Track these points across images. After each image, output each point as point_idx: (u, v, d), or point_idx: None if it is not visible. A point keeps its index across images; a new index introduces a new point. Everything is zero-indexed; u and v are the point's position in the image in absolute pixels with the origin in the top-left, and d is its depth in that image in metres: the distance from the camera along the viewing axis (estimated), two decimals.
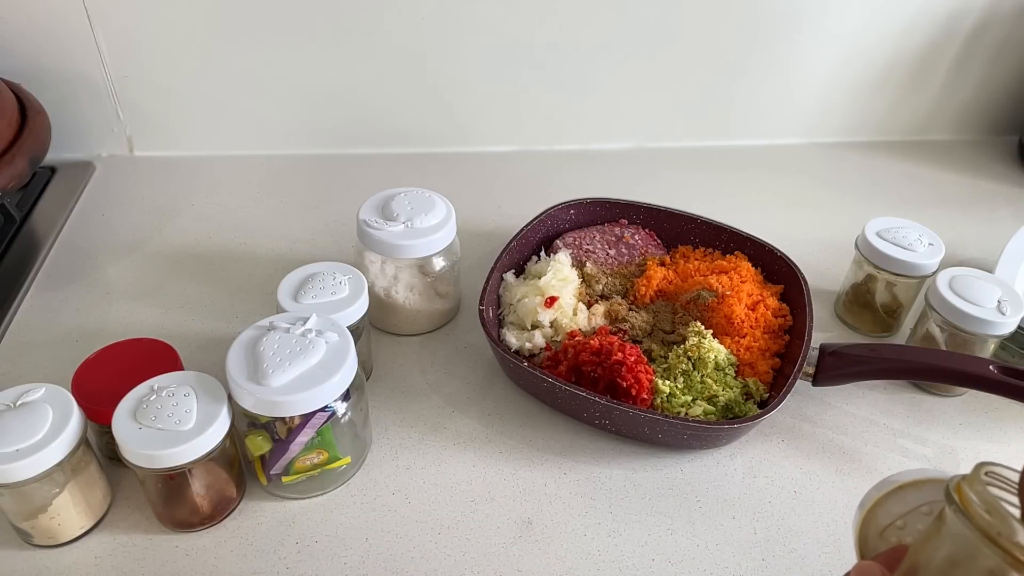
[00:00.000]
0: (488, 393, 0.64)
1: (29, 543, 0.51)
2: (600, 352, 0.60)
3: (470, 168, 0.94)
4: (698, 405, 0.59)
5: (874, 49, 0.95)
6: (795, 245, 0.73)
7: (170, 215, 0.83)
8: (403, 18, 0.85)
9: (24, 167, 0.73)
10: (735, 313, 0.65)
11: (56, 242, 0.78)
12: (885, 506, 0.36)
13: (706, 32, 0.90)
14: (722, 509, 0.56)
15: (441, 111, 0.93)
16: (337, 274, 0.60)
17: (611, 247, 0.74)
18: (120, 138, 0.91)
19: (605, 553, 0.53)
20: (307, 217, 0.83)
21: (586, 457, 0.59)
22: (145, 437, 0.47)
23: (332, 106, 0.91)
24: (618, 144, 0.99)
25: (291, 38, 0.85)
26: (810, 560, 0.53)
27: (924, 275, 0.68)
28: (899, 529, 0.35)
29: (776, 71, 0.95)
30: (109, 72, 0.85)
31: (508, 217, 0.83)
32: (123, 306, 0.71)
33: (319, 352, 0.50)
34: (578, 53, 0.90)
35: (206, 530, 0.52)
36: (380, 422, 0.61)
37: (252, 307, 0.71)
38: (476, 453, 0.59)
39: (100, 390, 0.51)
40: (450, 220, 0.65)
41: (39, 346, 0.66)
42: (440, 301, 0.69)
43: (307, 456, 0.52)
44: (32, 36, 0.81)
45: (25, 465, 0.45)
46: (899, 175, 0.98)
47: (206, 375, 0.51)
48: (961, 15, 0.93)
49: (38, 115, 0.78)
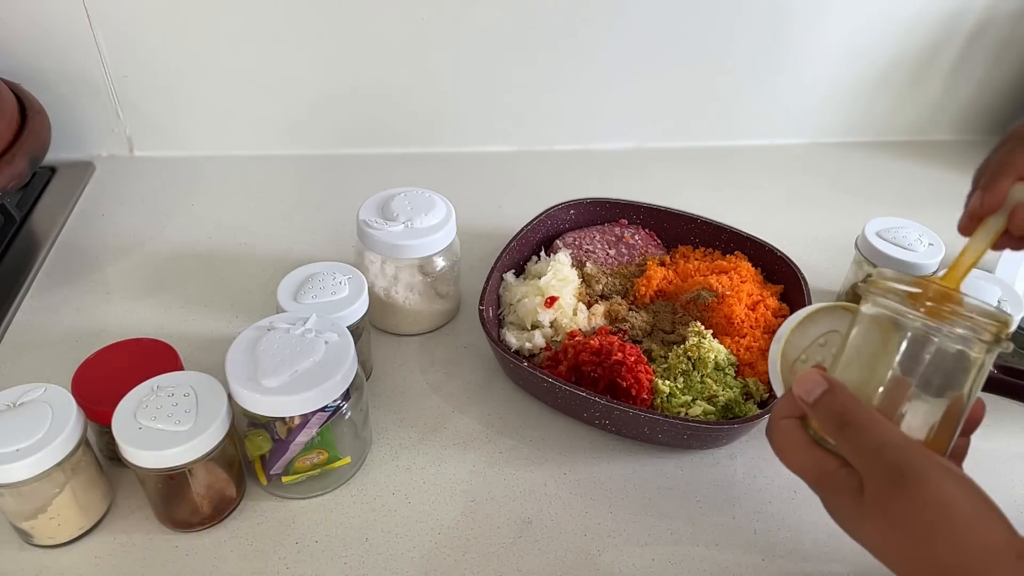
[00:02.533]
0: (488, 393, 0.64)
1: (29, 543, 0.51)
2: (600, 352, 0.60)
3: (470, 168, 0.94)
4: (698, 405, 0.59)
5: (875, 49, 0.95)
6: (795, 245, 0.73)
7: (170, 215, 0.83)
8: (403, 19, 0.85)
9: (24, 167, 0.73)
10: (735, 313, 0.65)
11: (56, 242, 0.78)
12: (791, 342, 0.43)
13: (706, 32, 0.90)
14: (722, 509, 0.56)
15: (441, 111, 0.93)
16: (337, 274, 0.60)
17: (611, 247, 0.74)
18: (120, 138, 0.91)
19: (605, 553, 0.53)
20: (307, 217, 0.83)
21: (586, 457, 0.59)
22: (145, 437, 0.47)
23: (332, 106, 0.91)
24: (618, 144, 0.99)
25: (291, 39, 0.85)
26: (811, 560, 0.53)
27: (924, 275, 0.68)
28: (803, 362, 0.42)
29: (776, 71, 0.95)
30: (109, 72, 0.85)
31: (508, 217, 0.83)
32: (123, 306, 0.71)
33: (319, 352, 0.50)
34: (578, 53, 0.90)
35: (206, 530, 0.52)
36: (380, 422, 0.61)
37: (252, 307, 0.71)
38: (476, 453, 0.59)
39: (100, 390, 0.51)
40: (450, 220, 0.65)
41: (39, 346, 0.66)
42: (440, 301, 0.69)
43: (307, 456, 0.52)
44: (32, 36, 0.81)
45: (25, 465, 0.45)
46: (899, 175, 0.98)
47: (206, 375, 0.51)
48: (961, 15, 0.93)
49: (38, 115, 0.78)
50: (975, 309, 0.35)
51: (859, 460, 0.35)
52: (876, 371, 0.37)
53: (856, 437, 0.35)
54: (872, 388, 0.37)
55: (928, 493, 0.32)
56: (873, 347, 0.37)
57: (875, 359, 0.37)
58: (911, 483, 0.32)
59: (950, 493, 0.32)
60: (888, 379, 0.36)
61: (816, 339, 0.43)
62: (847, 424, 0.35)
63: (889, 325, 0.36)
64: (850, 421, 0.35)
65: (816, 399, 0.37)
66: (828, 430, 0.36)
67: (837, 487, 0.35)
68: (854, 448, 0.35)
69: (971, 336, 0.35)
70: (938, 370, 0.36)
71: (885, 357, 0.36)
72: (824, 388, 0.37)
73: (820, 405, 0.37)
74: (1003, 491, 0.59)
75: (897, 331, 0.36)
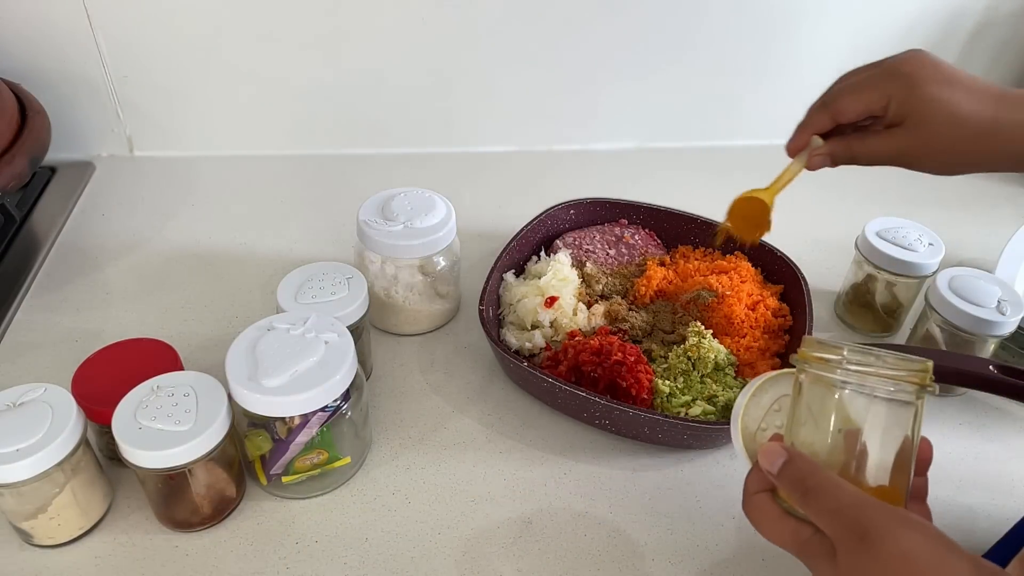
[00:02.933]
0: (488, 393, 0.64)
1: (29, 543, 0.51)
2: (600, 352, 0.60)
3: (470, 168, 0.94)
4: (698, 405, 0.59)
5: (874, 49, 0.94)
6: (795, 245, 0.73)
7: (170, 215, 0.83)
8: (403, 19, 0.85)
9: (24, 167, 0.73)
10: (735, 313, 0.65)
11: (56, 242, 0.78)
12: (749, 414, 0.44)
13: (706, 32, 0.90)
14: (722, 509, 0.56)
15: (441, 111, 0.93)
16: (337, 274, 0.60)
17: (611, 247, 0.74)
18: (120, 138, 0.91)
19: (605, 553, 0.53)
20: (307, 217, 0.83)
21: (586, 457, 0.59)
22: (145, 437, 0.47)
23: (332, 106, 0.91)
24: (618, 144, 0.99)
25: (291, 39, 0.85)
26: None
27: (924, 275, 0.68)
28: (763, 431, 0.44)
29: (776, 71, 0.95)
30: (109, 72, 0.85)
31: (508, 217, 0.82)
32: (123, 306, 0.71)
33: (319, 352, 0.50)
34: (578, 53, 0.90)
35: (206, 530, 0.52)
36: (380, 422, 0.61)
37: (252, 307, 0.71)
38: (476, 453, 0.59)
39: (100, 390, 0.51)
40: (450, 220, 0.65)
41: (39, 346, 0.66)
42: (440, 301, 0.69)
43: (307, 456, 0.52)
44: (32, 36, 0.81)
45: (25, 465, 0.45)
46: (899, 175, 0.97)
47: (206, 375, 0.51)
48: (961, 15, 0.93)
49: (38, 115, 0.78)
50: (896, 365, 0.38)
51: (824, 524, 0.36)
52: (824, 428, 0.39)
53: (816, 502, 0.36)
54: (825, 444, 0.39)
55: (891, 546, 0.33)
56: (817, 406, 0.40)
57: (821, 417, 0.39)
58: (874, 540, 0.34)
59: (910, 543, 0.33)
60: (835, 433, 0.39)
61: (771, 406, 0.45)
62: (808, 490, 0.37)
63: (826, 386, 0.39)
64: (810, 487, 0.37)
65: (779, 469, 0.38)
66: (793, 499, 0.38)
67: (814, 553, 0.37)
68: (817, 513, 0.36)
69: (898, 388, 0.38)
70: (878, 418, 0.38)
71: (829, 414, 0.39)
72: (784, 458, 0.38)
73: (783, 476, 0.38)
74: (1003, 491, 0.59)
75: (833, 390, 0.39)
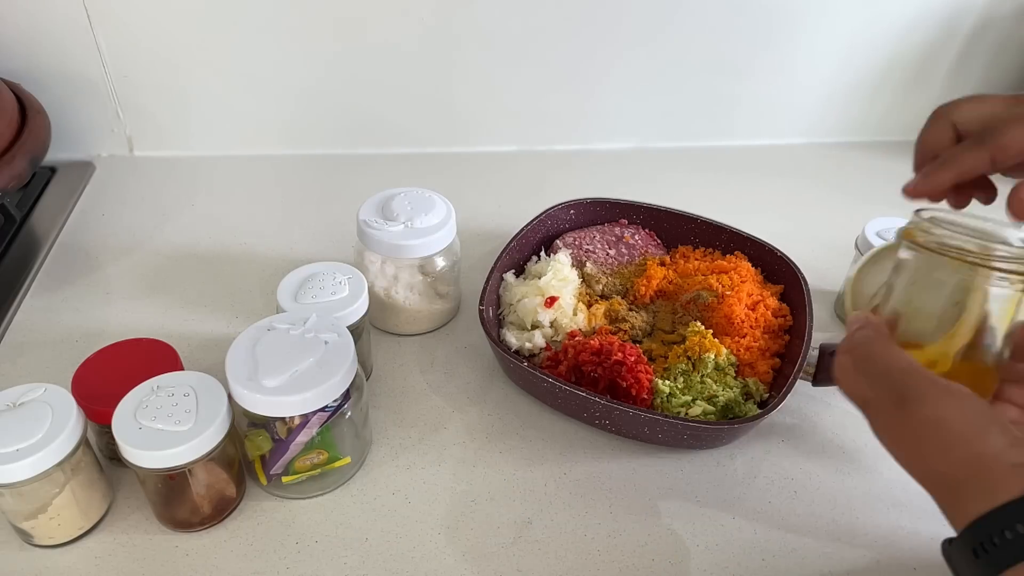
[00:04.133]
0: (488, 393, 0.64)
1: (29, 543, 0.51)
2: (600, 352, 0.60)
3: (470, 168, 0.94)
4: (698, 405, 0.59)
5: (874, 49, 0.95)
6: (795, 245, 0.73)
7: (170, 215, 0.83)
8: (403, 19, 0.85)
9: (24, 167, 0.73)
10: (735, 313, 0.65)
11: (56, 242, 0.78)
12: (870, 274, 0.45)
13: (706, 32, 0.90)
14: (722, 509, 0.56)
15: (441, 111, 0.94)
16: (337, 274, 0.60)
17: (611, 247, 0.74)
18: (120, 138, 0.91)
19: (605, 553, 0.53)
20: (307, 217, 0.83)
21: (586, 457, 0.59)
22: (145, 437, 0.47)
23: (332, 106, 0.91)
24: (618, 144, 0.99)
25: (291, 38, 0.85)
26: (810, 560, 0.53)
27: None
28: (875, 297, 0.45)
29: (776, 71, 0.95)
30: (109, 72, 0.85)
31: (508, 217, 0.83)
32: (123, 306, 0.71)
33: (319, 352, 0.50)
34: (578, 53, 0.90)
35: (206, 530, 0.52)
36: (380, 422, 0.61)
37: (252, 307, 0.71)
38: (476, 453, 0.59)
39: (100, 390, 0.51)
40: (450, 220, 0.65)
41: (39, 346, 0.66)
42: (440, 301, 0.69)
43: (307, 456, 0.52)
44: (32, 36, 0.81)
45: (25, 465, 0.45)
46: (899, 175, 0.97)
47: (206, 375, 0.51)
48: (961, 15, 0.93)
49: (38, 115, 0.78)
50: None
51: (871, 386, 0.39)
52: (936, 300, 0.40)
53: (868, 364, 0.39)
54: (933, 316, 0.40)
55: (927, 411, 0.35)
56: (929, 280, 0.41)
57: (934, 289, 0.40)
58: (910, 404, 0.36)
59: (946, 411, 0.35)
60: (950, 306, 0.40)
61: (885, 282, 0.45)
62: (866, 355, 0.39)
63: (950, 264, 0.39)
64: (868, 353, 0.39)
65: (852, 331, 0.41)
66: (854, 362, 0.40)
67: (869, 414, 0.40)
68: (867, 376, 0.39)
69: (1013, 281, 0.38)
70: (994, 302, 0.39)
71: (944, 289, 0.40)
72: (859, 324, 0.41)
73: (853, 337, 0.41)
74: None
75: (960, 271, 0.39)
